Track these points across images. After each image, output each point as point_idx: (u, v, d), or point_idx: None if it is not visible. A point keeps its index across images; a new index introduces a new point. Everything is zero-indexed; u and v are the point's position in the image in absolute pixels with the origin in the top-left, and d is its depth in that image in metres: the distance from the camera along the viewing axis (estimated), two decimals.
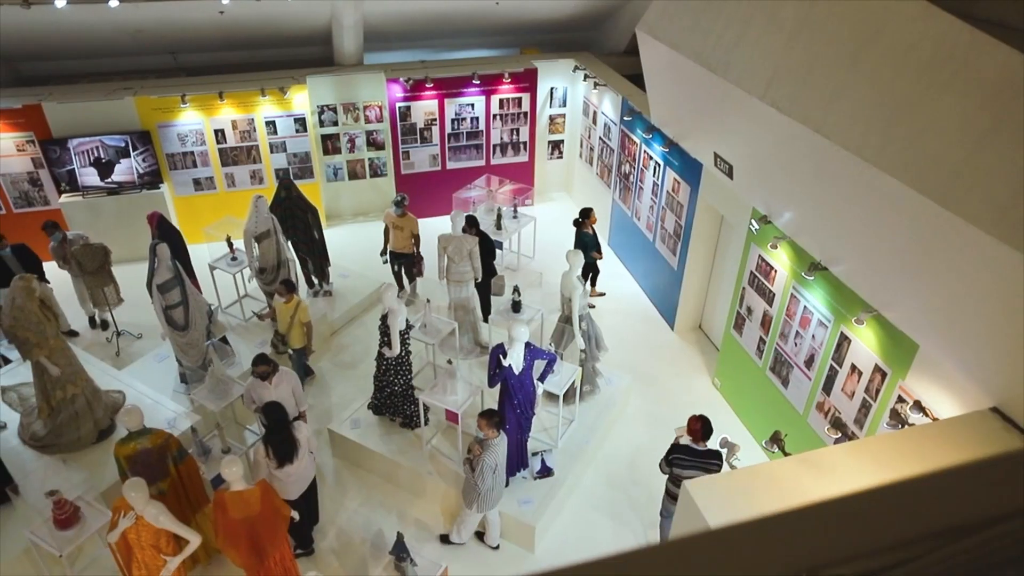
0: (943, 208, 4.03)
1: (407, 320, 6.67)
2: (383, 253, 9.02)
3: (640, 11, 10.91)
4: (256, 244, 7.97)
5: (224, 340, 7.99)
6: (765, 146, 6.60)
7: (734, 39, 6.77)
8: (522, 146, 11.35)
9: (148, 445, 5.23)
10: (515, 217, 9.98)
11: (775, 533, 0.80)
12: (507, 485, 6.53)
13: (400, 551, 5.38)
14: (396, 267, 9.21)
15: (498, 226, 9.72)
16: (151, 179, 10.11)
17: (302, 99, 10.24)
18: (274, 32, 10.38)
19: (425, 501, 6.85)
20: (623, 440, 7.60)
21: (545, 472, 6.70)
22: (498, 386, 6.23)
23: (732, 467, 5.02)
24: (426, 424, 7.03)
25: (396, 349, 6.47)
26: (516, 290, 7.62)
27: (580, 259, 7.00)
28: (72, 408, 6.39)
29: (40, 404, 6.37)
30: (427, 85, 10.37)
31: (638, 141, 9.53)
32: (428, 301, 7.63)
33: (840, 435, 6.17)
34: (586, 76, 10.60)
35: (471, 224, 8.21)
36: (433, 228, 10.32)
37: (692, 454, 5.56)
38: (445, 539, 6.43)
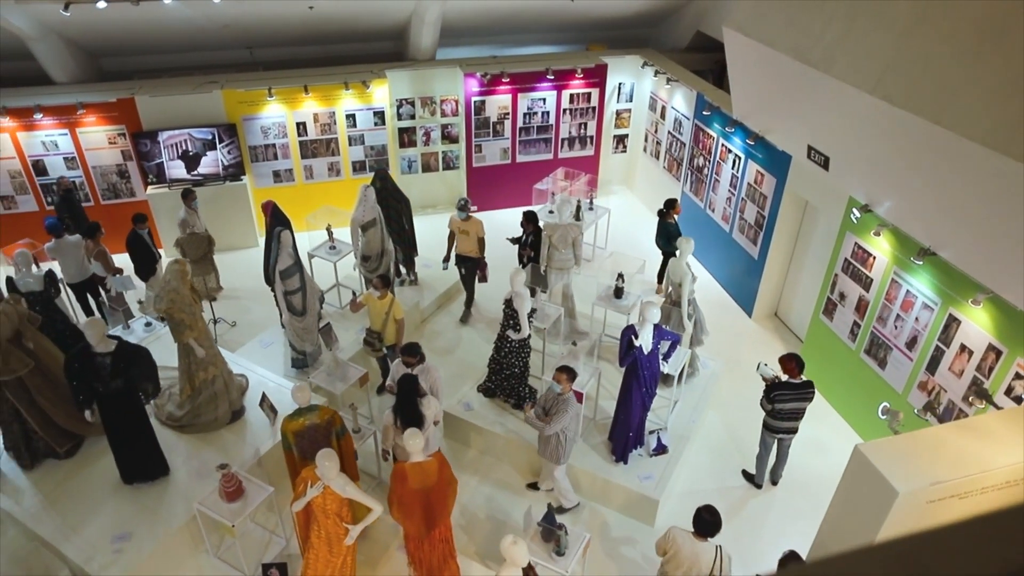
0: None
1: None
2: (445, 260, 8.88)
3: (703, 9, 11.26)
4: (362, 233, 8.22)
5: (328, 326, 8.24)
6: (869, 138, 6.90)
7: (837, 36, 7.06)
8: (589, 140, 11.64)
9: (316, 421, 5.49)
10: (591, 209, 10.26)
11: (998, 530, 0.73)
12: (627, 462, 6.86)
13: (550, 522, 5.66)
14: (462, 271, 9.03)
15: (576, 217, 9.99)
16: (235, 171, 10.34)
17: (382, 93, 10.49)
18: (352, 27, 10.62)
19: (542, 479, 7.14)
20: (721, 419, 7.93)
21: (660, 449, 7.01)
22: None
23: (895, 432, 5.33)
24: None
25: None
26: (620, 276, 7.91)
27: (691, 246, 7.31)
28: (212, 389, 6.63)
29: (183, 385, 6.61)
30: (503, 80, 10.64)
31: (715, 135, 9.83)
32: (541, 289, 7.89)
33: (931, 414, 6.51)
34: (656, 72, 10.89)
35: (529, 219, 8.48)
36: (502, 220, 10.58)
37: (791, 388, 6.37)
38: (560, 510, 6.73)
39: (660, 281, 9.91)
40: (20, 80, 10.14)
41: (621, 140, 12.14)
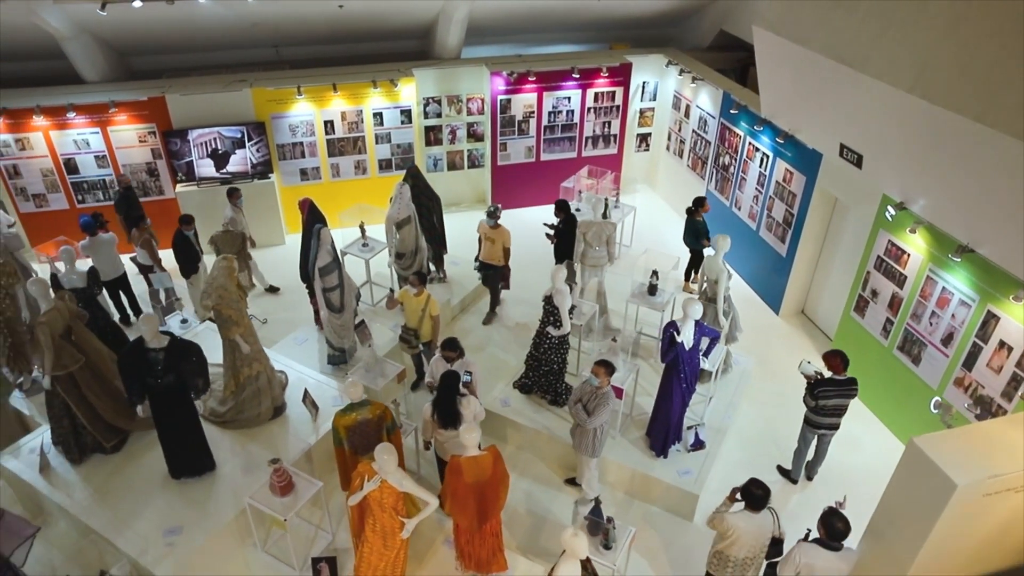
0: None
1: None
2: (477, 259, 8.86)
3: (727, 9, 11.31)
4: (396, 230, 8.27)
5: (363, 323, 8.30)
6: (905, 136, 6.95)
7: (873, 35, 7.11)
8: (612, 138, 11.69)
9: (368, 416, 5.55)
10: (617, 207, 10.32)
11: None
12: (666, 457, 6.93)
13: (597, 515, 5.72)
14: (482, 277, 9.01)
15: (604, 215, 10.05)
16: (263, 169, 10.39)
17: (409, 91, 10.54)
18: (379, 26, 10.67)
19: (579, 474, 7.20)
20: (754, 414, 8.00)
21: (698, 445, 7.07)
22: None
23: (949, 427, 5.39)
24: None
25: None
26: (655, 274, 7.97)
27: (727, 243, 7.37)
28: (255, 385, 6.70)
29: (227, 381, 6.67)
30: (530, 78, 10.70)
31: (742, 133, 9.89)
32: (575, 284, 7.95)
33: (980, 410, 6.58)
34: (682, 71, 10.95)
35: (561, 208, 8.62)
36: (528, 218, 10.63)
37: (836, 384, 6.46)
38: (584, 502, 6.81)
39: (687, 279, 9.97)
40: (50, 79, 10.20)
41: (644, 139, 12.19)
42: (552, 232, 8.83)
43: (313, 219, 7.74)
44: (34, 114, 9.30)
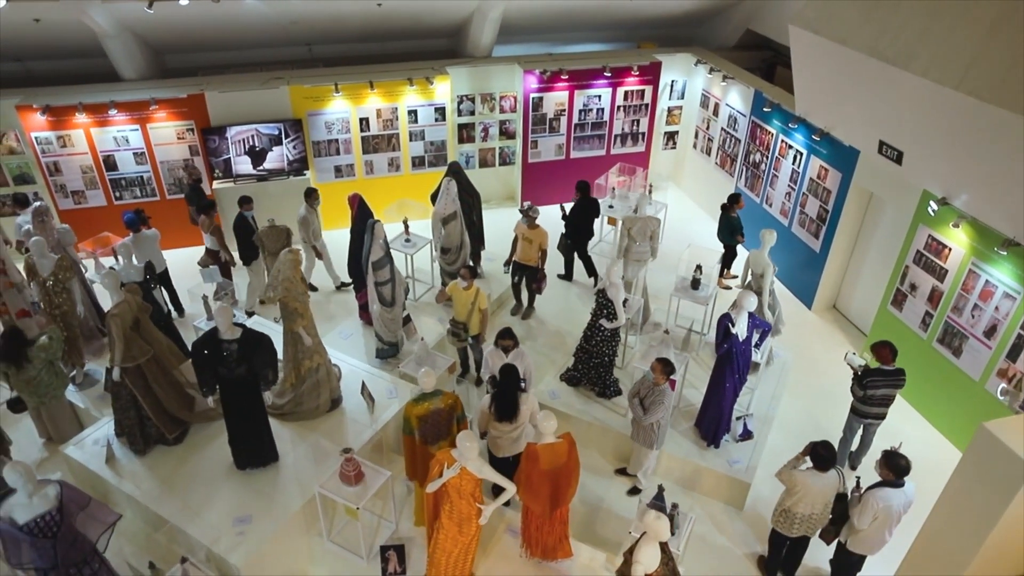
0: None
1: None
2: (507, 264, 8.97)
3: (754, 8, 11.46)
4: (443, 226, 8.38)
5: (408, 317, 8.41)
6: (949, 132, 7.09)
7: (917, 33, 7.25)
8: (640, 136, 11.83)
9: (440, 405, 5.66)
10: (650, 203, 10.45)
11: None
12: (718, 446, 7.07)
13: (661, 500, 5.84)
14: (516, 279, 9.04)
15: (635, 211, 10.20)
16: (298, 166, 10.48)
17: (443, 89, 10.65)
18: (412, 25, 10.77)
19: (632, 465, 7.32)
20: (796, 406, 8.13)
21: (746, 435, 7.21)
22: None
23: (1018, 411, 5.55)
24: (620, 394, 7.54)
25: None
26: (698, 268, 8.11)
27: (774, 238, 7.51)
28: (315, 377, 6.79)
29: (287, 373, 6.76)
30: (562, 77, 10.82)
31: (774, 131, 10.04)
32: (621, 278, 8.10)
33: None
34: (712, 70, 11.09)
35: (580, 189, 8.92)
36: (555, 215, 10.73)
37: (884, 374, 6.65)
38: (634, 491, 6.94)
39: (720, 275, 10.11)
40: (83, 78, 10.27)
41: (671, 137, 12.34)
42: (565, 213, 9.25)
43: (363, 214, 7.84)
44: (77, 111, 9.36)
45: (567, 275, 10.01)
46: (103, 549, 5.13)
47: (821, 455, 5.41)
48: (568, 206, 9.41)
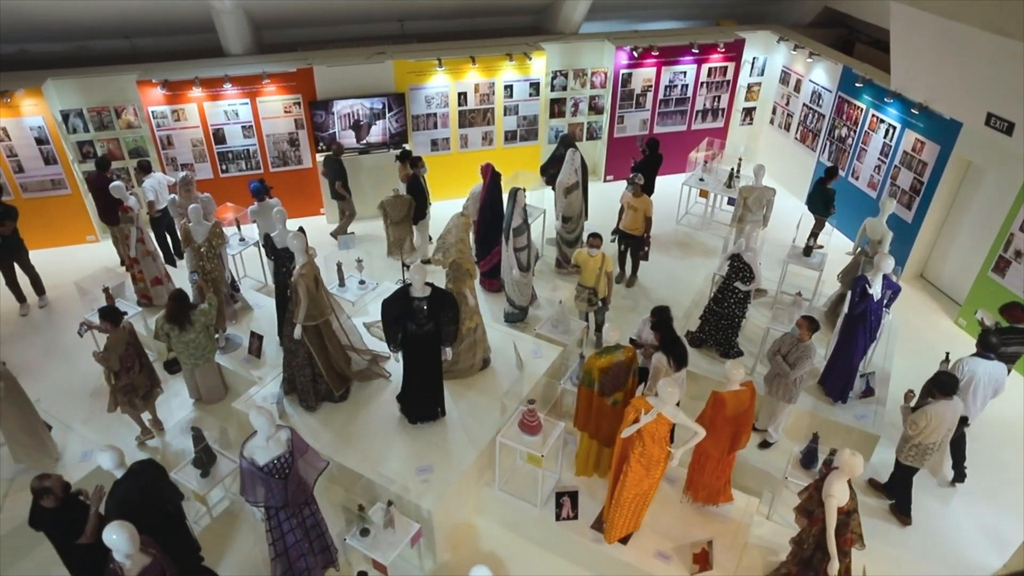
0: None
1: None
2: (614, 232, 9.18)
3: None
4: (565, 195, 8.68)
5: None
6: None
7: None
8: (720, 112, 12.13)
9: (621, 358, 6.00)
10: (738, 177, 10.78)
11: None
12: (845, 402, 7.46)
13: (815, 444, 6.25)
14: (622, 247, 9.33)
15: (729, 184, 10.57)
16: (398, 140, 10.73)
17: (539, 65, 10.89)
18: (506, 0, 10.99)
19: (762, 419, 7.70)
20: (905, 365, 8.49)
21: (868, 392, 7.61)
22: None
23: None
24: (742, 355, 7.91)
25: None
26: (813, 235, 8.46)
27: (893, 205, 7.87)
28: (473, 336, 7.12)
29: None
30: (652, 53, 11.09)
31: (863, 106, 10.36)
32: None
33: None
34: (796, 47, 11.39)
35: (651, 146, 9.51)
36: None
37: (1017, 332, 6.99)
38: (765, 444, 7.31)
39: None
40: (186, 53, 10.45)
41: (749, 112, 12.65)
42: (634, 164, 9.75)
43: (495, 183, 8.13)
44: (193, 85, 9.57)
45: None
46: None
47: (945, 382, 5.91)
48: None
